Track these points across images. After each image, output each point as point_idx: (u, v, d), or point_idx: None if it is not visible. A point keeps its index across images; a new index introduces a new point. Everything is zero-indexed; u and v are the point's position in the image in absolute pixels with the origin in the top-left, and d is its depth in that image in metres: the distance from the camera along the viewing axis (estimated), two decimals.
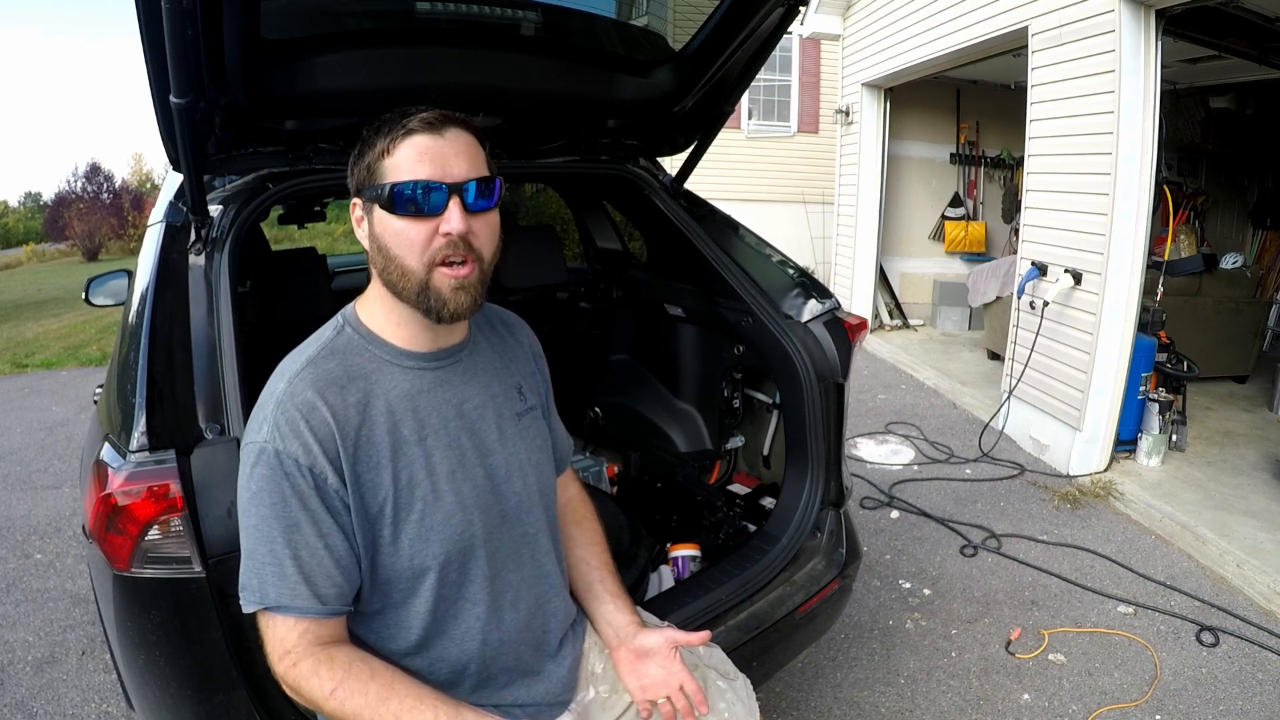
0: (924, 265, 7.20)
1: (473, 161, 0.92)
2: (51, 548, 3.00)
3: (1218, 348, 4.75)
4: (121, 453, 1.08)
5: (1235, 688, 2.15)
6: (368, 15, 1.53)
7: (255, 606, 0.88)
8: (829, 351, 1.76)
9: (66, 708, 2.08)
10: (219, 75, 1.24)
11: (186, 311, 1.25)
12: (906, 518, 3.22)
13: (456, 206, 0.89)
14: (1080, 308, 3.63)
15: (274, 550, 0.86)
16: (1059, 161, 3.80)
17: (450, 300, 0.91)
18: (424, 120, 0.90)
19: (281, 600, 0.87)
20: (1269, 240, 6.39)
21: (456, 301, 0.91)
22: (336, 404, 0.90)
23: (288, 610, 0.87)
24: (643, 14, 1.89)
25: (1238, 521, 3.05)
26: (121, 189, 29.77)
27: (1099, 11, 3.38)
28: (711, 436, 2.38)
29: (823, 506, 1.79)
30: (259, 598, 0.87)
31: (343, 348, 0.95)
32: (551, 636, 1.10)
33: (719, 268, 1.93)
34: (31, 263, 24.33)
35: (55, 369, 6.36)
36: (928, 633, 2.42)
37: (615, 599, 1.16)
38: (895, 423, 4.41)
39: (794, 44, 9.06)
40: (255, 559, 0.87)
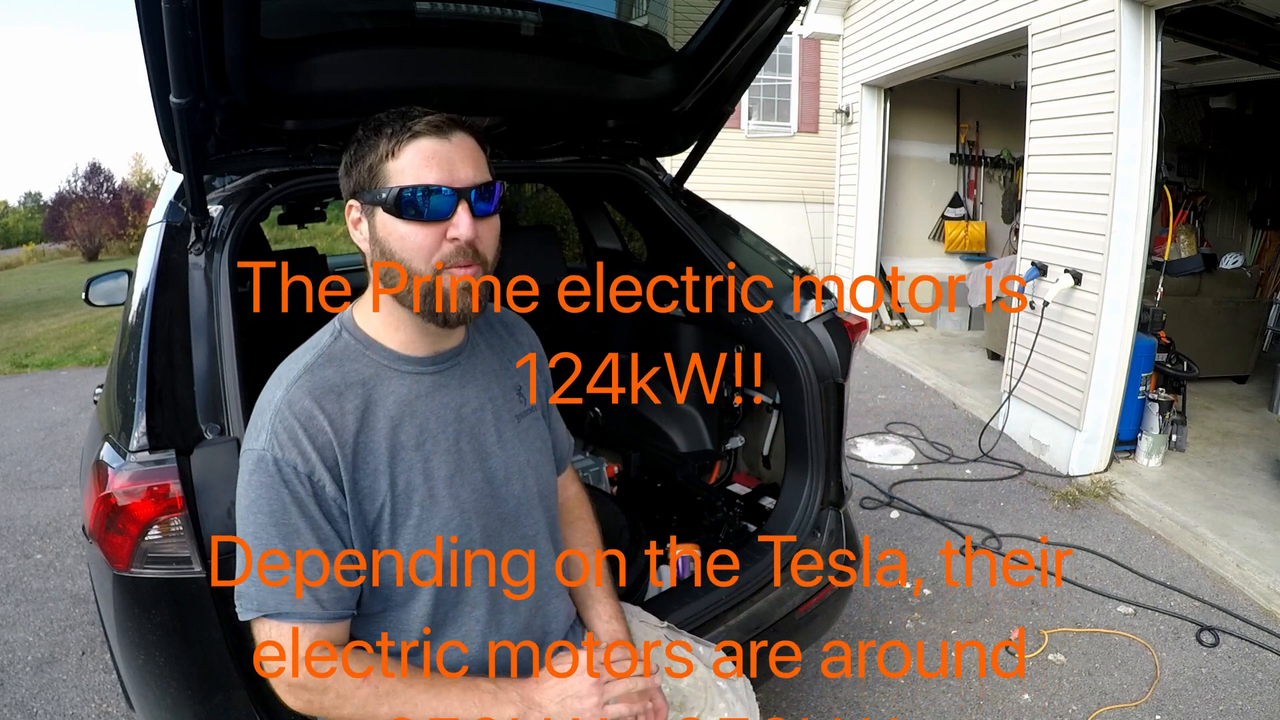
0: (924, 265, 7.20)
1: (477, 165, 0.91)
2: (51, 548, 3.00)
3: (1218, 348, 4.75)
4: (121, 453, 1.08)
5: (1235, 688, 2.15)
6: (368, 15, 1.53)
7: (253, 614, 0.88)
8: (829, 351, 1.76)
9: (66, 708, 2.08)
10: (219, 75, 1.23)
11: (186, 311, 1.25)
12: (906, 518, 3.22)
13: (465, 212, 0.88)
14: (1080, 308, 3.63)
15: (274, 559, 0.86)
16: (1059, 161, 3.80)
17: (457, 302, 0.90)
18: (430, 123, 0.89)
19: (281, 607, 0.86)
20: (1269, 240, 6.39)
21: (463, 303, 0.91)
22: (334, 411, 0.89)
23: (289, 617, 0.87)
24: (643, 14, 1.89)
25: (1238, 521, 3.05)
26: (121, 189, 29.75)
27: (1099, 11, 3.38)
28: (711, 436, 2.38)
29: (823, 506, 1.79)
30: (257, 605, 0.87)
31: (340, 353, 0.94)
32: (551, 638, 1.09)
33: (719, 268, 1.93)
34: (31, 263, 24.33)
35: (55, 369, 6.35)
36: (928, 633, 2.42)
37: (601, 603, 1.16)
38: (895, 423, 4.41)
39: (794, 44, 9.05)
40: (255, 566, 0.87)
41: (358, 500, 0.90)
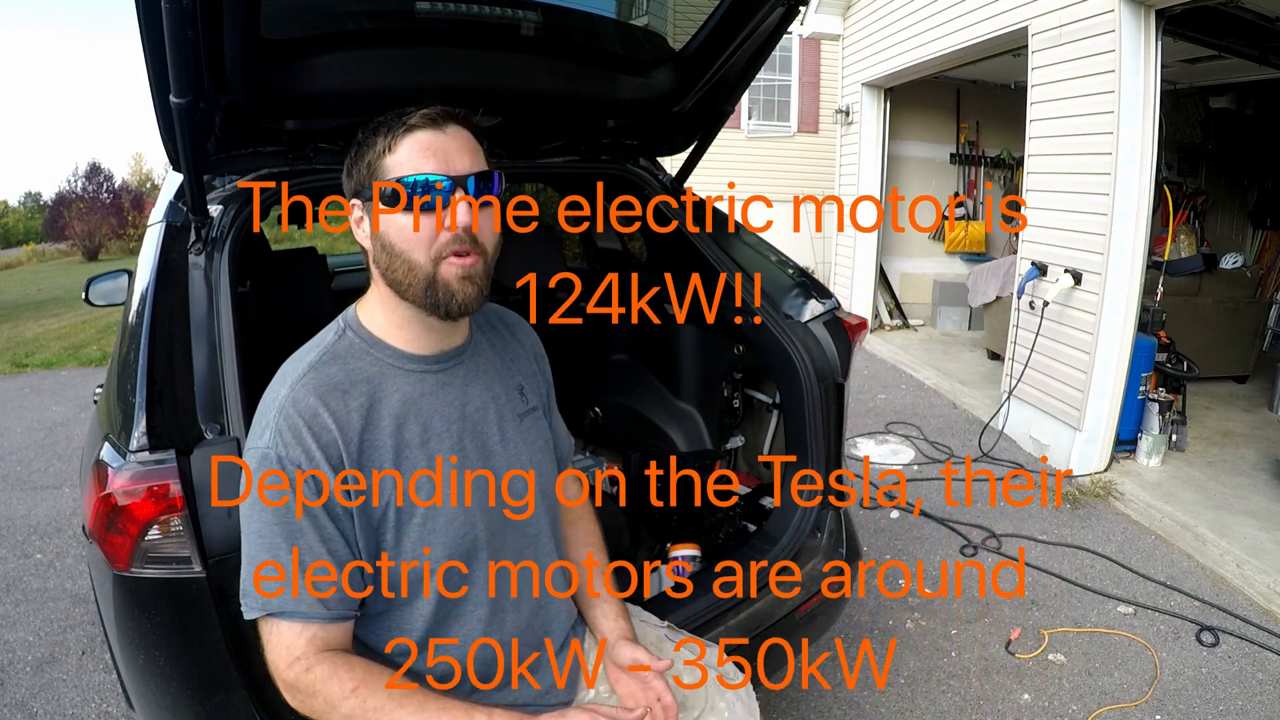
0: (924, 265, 7.20)
1: (474, 156, 0.92)
2: (51, 548, 3.00)
3: (1218, 348, 4.75)
4: (121, 453, 1.07)
5: (1235, 688, 2.15)
6: (368, 15, 1.53)
7: (258, 613, 0.88)
8: (829, 351, 1.76)
9: (66, 708, 2.08)
10: (219, 75, 1.23)
11: (186, 311, 1.25)
12: (906, 518, 3.22)
13: (462, 200, 0.89)
14: (1080, 308, 3.63)
15: (277, 556, 0.86)
16: (1059, 161, 3.80)
17: (459, 291, 0.90)
18: (425, 116, 0.90)
19: (285, 606, 0.86)
20: (1269, 240, 6.39)
21: (464, 293, 0.91)
22: (339, 410, 0.89)
23: (291, 616, 0.87)
24: (643, 14, 1.89)
25: (1238, 521, 3.05)
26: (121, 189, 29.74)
27: (1099, 11, 3.38)
28: (711, 436, 2.38)
29: (823, 507, 1.79)
30: (261, 604, 0.87)
31: (344, 352, 0.94)
32: (553, 637, 1.10)
33: (719, 267, 1.93)
34: (31, 263, 24.33)
35: (55, 369, 6.35)
36: (928, 633, 2.42)
37: (605, 602, 1.16)
38: (895, 423, 4.41)
39: (794, 44, 9.05)
40: (257, 565, 0.87)
41: (363, 497, 0.90)
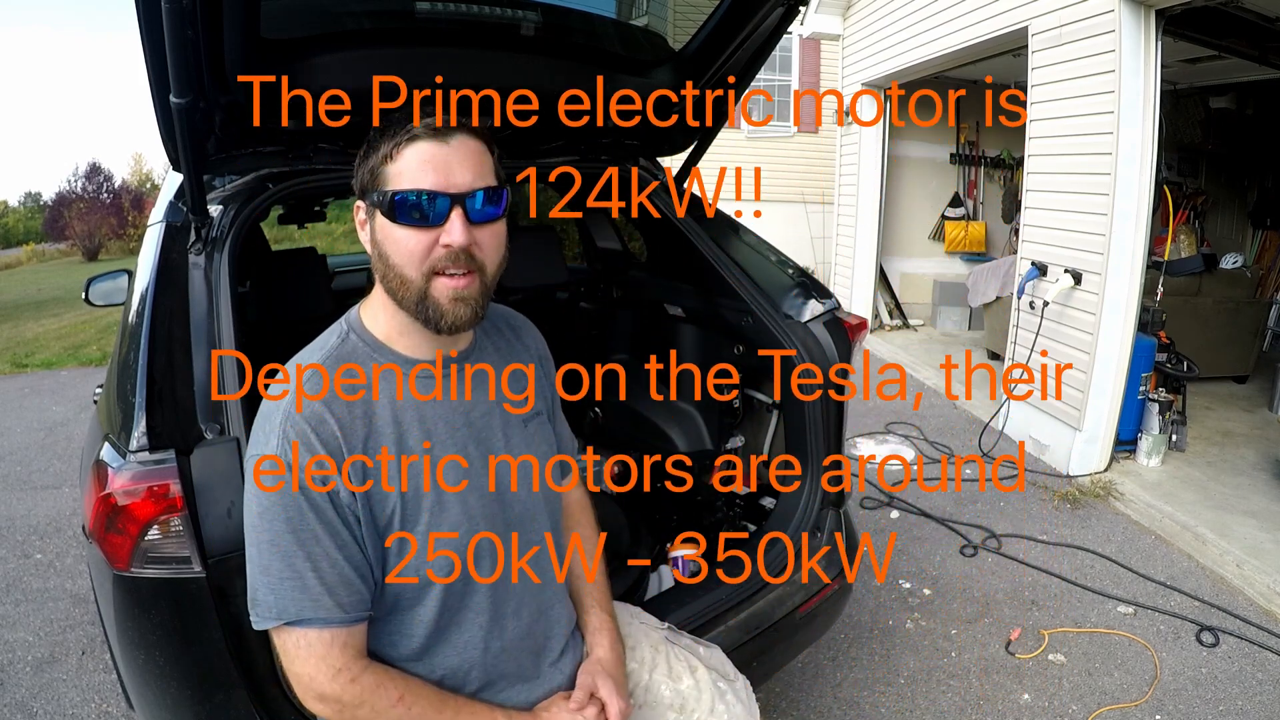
0: (924, 265, 7.20)
1: (479, 169, 0.90)
2: (51, 548, 3.00)
3: (1218, 348, 4.75)
4: (121, 453, 1.07)
5: (1235, 688, 2.15)
6: (367, 15, 1.53)
7: (273, 622, 0.86)
8: (829, 351, 1.76)
9: (66, 708, 2.08)
10: (219, 75, 1.23)
11: (186, 311, 1.25)
12: (906, 518, 3.22)
13: (459, 218, 0.87)
14: (1080, 308, 3.63)
15: (293, 565, 0.84)
16: (1059, 161, 3.80)
17: (449, 312, 0.89)
18: (429, 125, 0.88)
19: (304, 614, 0.85)
20: (1269, 240, 6.39)
21: (455, 313, 0.90)
22: (343, 415, 0.88)
23: (310, 623, 0.85)
24: (643, 14, 1.89)
25: (1238, 521, 3.05)
26: (121, 189, 29.69)
27: (1099, 11, 3.38)
28: (711, 436, 2.38)
29: (823, 506, 1.79)
30: (277, 613, 0.85)
31: (347, 355, 0.94)
32: (553, 643, 1.09)
33: (719, 267, 1.93)
34: (31, 263, 24.31)
35: (55, 369, 6.35)
36: (928, 633, 2.42)
37: (592, 613, 1.15)
38: (895, 423, 4.41)
39: (794, 44, 9.06)
40: (271, 574, 0.85)
41: (368, 503, 0.89)
